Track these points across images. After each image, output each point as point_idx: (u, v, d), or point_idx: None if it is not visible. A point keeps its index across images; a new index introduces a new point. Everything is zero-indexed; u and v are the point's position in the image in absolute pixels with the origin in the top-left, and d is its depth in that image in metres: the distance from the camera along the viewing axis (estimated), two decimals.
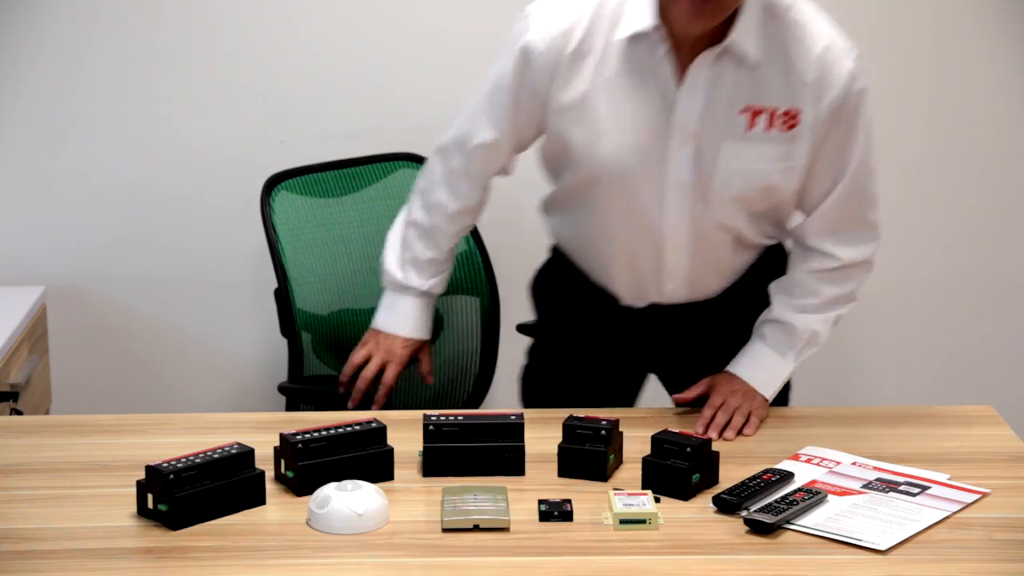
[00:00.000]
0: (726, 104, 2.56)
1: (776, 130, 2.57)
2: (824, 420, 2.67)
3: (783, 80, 2.55)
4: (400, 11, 3.56)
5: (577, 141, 2.61)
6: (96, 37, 3.52)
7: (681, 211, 2.62)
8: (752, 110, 2.57)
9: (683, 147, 2.57)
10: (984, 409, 2.70)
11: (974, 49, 3.63)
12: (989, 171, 3.70)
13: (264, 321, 3.65)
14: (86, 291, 3.65)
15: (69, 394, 3.66)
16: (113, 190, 3.60)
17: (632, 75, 2.57)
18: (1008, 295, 3.77)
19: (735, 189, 2.60)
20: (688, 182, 2.59)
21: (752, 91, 2.55)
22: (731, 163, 2.58)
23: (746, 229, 2.67)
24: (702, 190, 2.60)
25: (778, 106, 2.56)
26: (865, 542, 2.14)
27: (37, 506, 2.27)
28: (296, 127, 3.59)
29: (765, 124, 2.57)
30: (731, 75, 2.54)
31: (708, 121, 2.56)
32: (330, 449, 2.32)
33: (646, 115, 2.57)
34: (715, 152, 2.58)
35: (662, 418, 2.66)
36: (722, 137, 2.57)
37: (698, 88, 2.55)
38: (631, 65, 2.56)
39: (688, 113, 2.56)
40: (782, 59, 2.55)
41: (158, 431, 2.61)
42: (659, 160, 2.59)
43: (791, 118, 2.57)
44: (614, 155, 2.59)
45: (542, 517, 2.23)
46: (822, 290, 2.71)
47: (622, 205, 2.64)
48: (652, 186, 2.61)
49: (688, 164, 2.58)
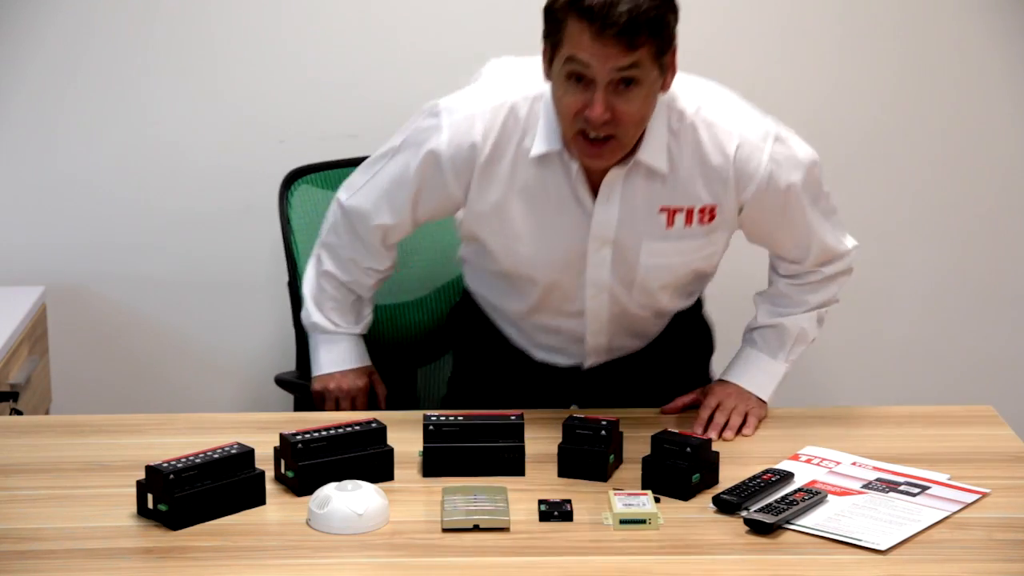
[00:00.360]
0: (643, 208, 2.56)
1: (696, 225, 2.59)
2: (824, 420, 2.67)
3: (698, 181, 2.55)
4: (400, 11, 3.56)
5: (493, 244, 2.64)
6: (95, 37, 3.52)
7: (600, 302, 2.66)
8: (669, 210, 2.57)
9: (601, 250, 2.60)
10: (984, 409, 2.70)
11: (975, 49, 3.63)
12: (990, 171, 3.70)
13: (264, 321, 3.65)
14: (86, 291, 3.64)
15: (69, 394, 3.66)
16: (113, 190, 3.59)
17: (546, 186, 2.56)
18: (1008, 295, 3.76)
19: (658, 280, 2.65)
20: (607, 280, 2.63)
21: (667, 194, 2.56)
22: (652, 260, 2.61)
23: (668, 303, 2.73)
24: (623, 284, 2.64)
25: (694, 204, 2.57)
26: (865, 542, 2.14)
27: (37, 506, 2.27)
28: (296, 127, 3.58)
29: (684, 221, 2.58)
30: (644, 183, 2.55)
31: (626, 225, 2.57)
32: (330, 449, 2.32)
33: (563, 223, 2.58)
34: (636, 251, 2.60)
35: (662, 418, 2.66)
36: (641, 237, 2.58)
37: (613, 198, 2.55)
38: (544, 177, 2.56)
39: (605, 221, 2.57)
40: (695, 162, 2.54)
41: (158, 431, 2.61)
42: (578, 262, 2.62)
43: (710, 213, 2.58)
44: (531, 259, 2.63)
45: (542, 517, 2.23)
46: (808, 299, 2.75)
47: (540, 296, 2.68)
48: (571, 283, 2.65)
49: (607, 265, 2.62)
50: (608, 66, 2.35)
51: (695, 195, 2.55)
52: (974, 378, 3.77)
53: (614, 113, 2.39)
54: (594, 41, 2.34)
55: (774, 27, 3.60)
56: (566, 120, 2.43)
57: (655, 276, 2.64)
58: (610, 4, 2.32)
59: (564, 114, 2.43)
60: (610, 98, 2.38)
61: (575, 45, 2.36)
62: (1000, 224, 3.73)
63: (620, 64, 2.35)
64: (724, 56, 3.60)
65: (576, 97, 2.39)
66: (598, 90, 2.37)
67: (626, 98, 2.39)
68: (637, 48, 2.35)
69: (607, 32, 2.33)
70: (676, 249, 2.60)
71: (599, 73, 2.36)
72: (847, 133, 3.66)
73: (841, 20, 3.61)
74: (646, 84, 2.39)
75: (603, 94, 2.37)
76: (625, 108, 2.39)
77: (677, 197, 2.55)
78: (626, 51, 2.34)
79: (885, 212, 3.71)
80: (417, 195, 2.63)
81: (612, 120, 2.39)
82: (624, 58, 2.35)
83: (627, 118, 2.40)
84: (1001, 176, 3.71)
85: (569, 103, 2.41)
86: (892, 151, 3.68)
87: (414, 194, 2.63)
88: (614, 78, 2.37)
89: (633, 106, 2.39)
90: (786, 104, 3.63)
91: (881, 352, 3.78)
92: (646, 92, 2.40)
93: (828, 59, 3.62)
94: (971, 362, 3.79)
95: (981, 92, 3.65)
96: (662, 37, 2.38)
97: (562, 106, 2.43)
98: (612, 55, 2.34)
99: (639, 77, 2.38)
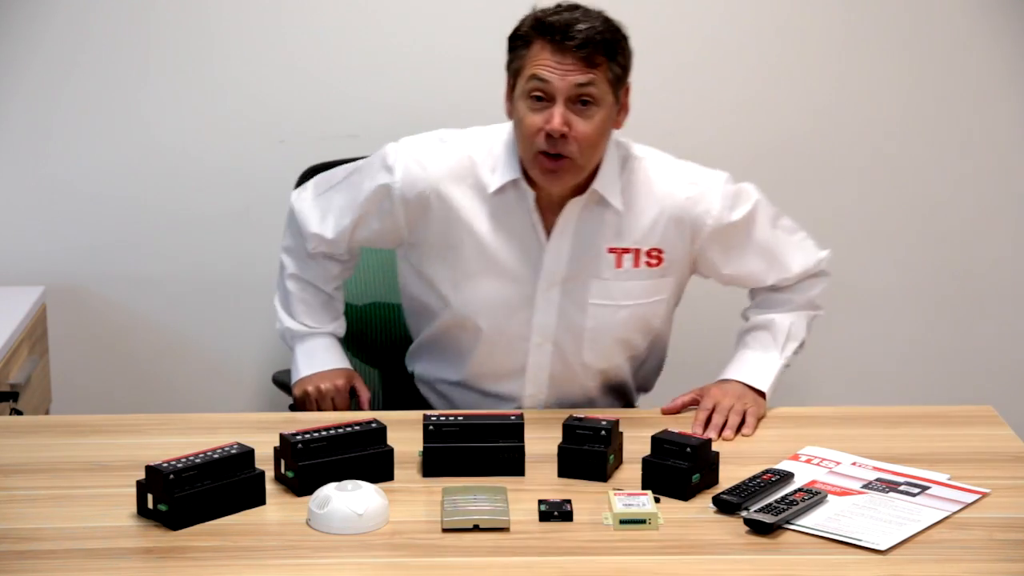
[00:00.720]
0: (593, 246, 2.68)
1: (643, 267, 2.70)
2: (824, 420, 2.68)
3: (649, 222, 2.68)
4: (400, 11, 3.56)
5: (443, 284, 2.73)
6: (94, 37, 3.52)
7: (544, 354, 2.73)
8: (618, 251, 2.69)
9: (550, 290, 2.69)
10: (984, 409, 2.70)
11: (974, 49, 3.63)
12: (989, 171, 3.70)
13: (264, 321, 3.64)
14: (86, 291, 3.64)
15: (69, 394, 3.66)
16: (113, 191, 3.59)
17: (501, 222, 2.68)
18: (1008, 295, 3.76)
19: (606, 330, 2.72)
20: (554, 326, 2.71)
21: (617, 235, 2.68)
22: (600, 301, 2.70)
23: (611, 365, 2.78)
24: (570, 332, 2.72)
25: (641, 247, 2.69)
26: (865, 542, 2.14)
27: (37, 506, 2.27)
28: (296, 127, 3.58)
29: (632, 263, 2.70)
30: (597, 220, 2.66)
31: (576, 262, 2.68)
32: (330, 449, 2.32)
33: (515, 261, 2.69)
34: (585, 292, 2.70)
35: (662, 418, 2.66)
36: (590, 276, 2.69)
37: (567, 234, 2.67)
38: (500, 213, 2.67)
39: (557, 257, 2.68)
40: (649, 203, 2.68)
41: (158, 431, 2.61)
42: (526, 305, 2.70)
43: (657, 256, 2.70)
44: (480, 300, 2.71)
45: (542, 517, 2.23)
46: (792, 297, 2.83)
47: (482, 351, 2.75)
48: (517, 331, 2.72)
49: (555, 308, 2.70)
50: (567, 80, 2.52)
51: (644, 237, 2.69)
52: (974, 378, 3.77)
53: (571, 130, 2.53)
54: (554, 55, 2.52)
55: (774, 28, 3.60)
56: (527, 140, 2.57)
57: (602, 323, 2.72)
58: (570, 23, 2.53)
59: (526, 134, 2.57)
60: (568, 114, 2.53)
61: (537, 64, 2.53)
62: (1000, 224, 3.73)
63: (579, 80, 2.52)
64: (724, 56, 3.60)
65: (537, 115, 2.54)
66: (558, 104, 2.53)
67: (583, 117, 2.54)
68: (594, 66, 2.53)
69: (567, 46, 2.51)
70: (623, 291, 2.71)
71: (559, 87, 2.52)
72: (847, 134, 3.66)
73: (841, 20, 3.61)
74: (603, 107, 2.56)
75: (562, 108, 2.53)
76: (582, 128, 2.54)
77: (625, 238, 2.69)
78: (584, 67, 2.52)
79: (885, 212, 3.71)
80: (360, 220, 2.76)
81: (569, 137, 2.54)
82: (582, 75, 2.52)
83: (583, 138, 2.55)
84: (1001, 176, 3.71)
85: (531, 122, 2.55)
86: (892, 151, 3.68)
87: (357, 219, 2.76)
88: (572, 95, 2.53)
89: (589, 126, 2.55)
90: (786, 105, 3.65)
91: (881, 352, 3.78)
92: (602, 116, 2.56)
93: (828, 59, 3.62)
94: (971, 362, 3.79)
95: (980, 92, 3.65)
96: (617, 63, 2.56)
97: (524, 127, 2.57)
98: (571, 70, 2.52)
99: (596, 97, 2.54)
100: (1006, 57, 3.63)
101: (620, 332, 2.74)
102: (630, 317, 2.73)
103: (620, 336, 2.75)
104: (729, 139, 3.65)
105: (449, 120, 2.94)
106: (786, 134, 3.65)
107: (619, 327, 2.73)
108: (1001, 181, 3.71)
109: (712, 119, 3.63)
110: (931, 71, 3.64)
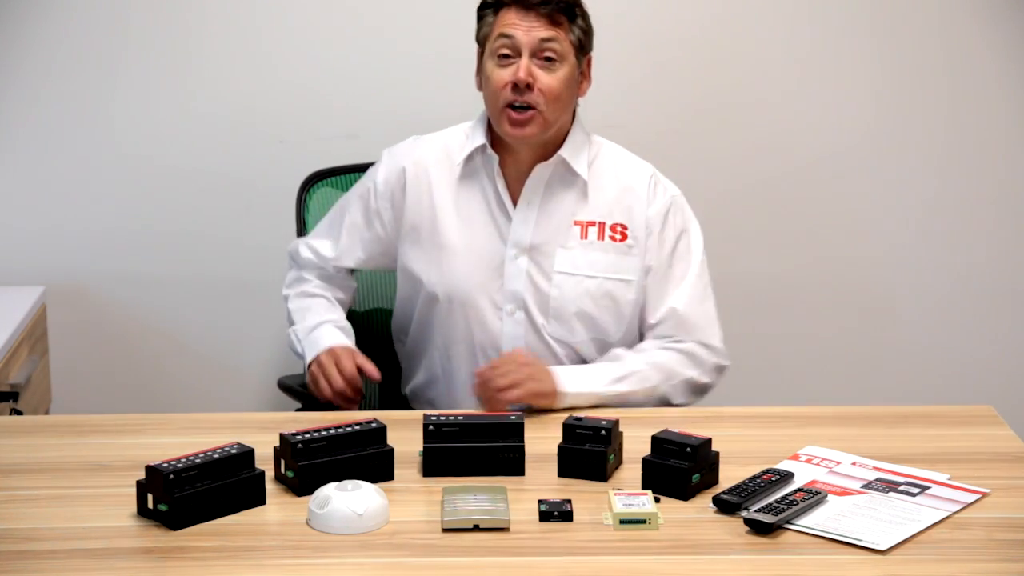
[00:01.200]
0: (559, 217, 2.77)
1: (608, 241, 2.78)
2: (824, 420, 2.67)
3: (613, 196, 2.79)
4: (399, 11, 3.56)
5: (423, 263, 2.82)
6: (95, 37, 3.52)
7: (517, 322, 2.78)
8: (583, 224, 2.78)
9: (518, 257, 2.78)
10: (984, 409, 2.70)
11: (975, 49, 3.63)
12: (989, 171, 3.70)
13: (264, 321, 3.65)
14: (86, 291, 3.65)
15: (69, 394, 3.66)
16: (113, 190, 3.60)
17: (472, 192, 2.80)
18: (1008, 295, 3.77)
19: (572, 301, 2.77)
20: (523, 292, 2.77)
21: (582, 205, 2.78)
22: (565, 269, 2.77)
23: (581, 341, 2.80)
24: (539, 303, 2.78)
25: (606, 220, 2.78)
26: (865, 542, 2.14)
27: (37, 506, 2.27)
28: (295, 127, 3.59)
29: (596, 235, 2.78)
30: (563, 190, 2.77)
31: (543, 230, 2.77)
32: (330, 449, 2.32)
33: (486, 230, 2.79)
34: (551, 259, 2.78)
35: (662, 418, 2.66)
36: (556, 245, 2.77)
37: (534, 203, 2.77)
38: (471, 184, 2.82)
39: (524, 225, 2.77)
40: (612, 178, 2.82)
41: (158, 431, 2.61)
42: (498, 272, 2.78)
43: (622, 232, 2.79)
44: (457, 270, 2.79)
45: (542, 517, 2.23)
46: (648, 346, 2.79)
47: (462, 327, 2.80)
48: (491, 299, 2.78)
49: (523, 275, 2.77)
50: (532, 35, 2.71)
51: (608, 211, 2.80)
52: (974, 378, 3.78)
53: (537, 82, 2.70)
54: (518, 15, 2.71)
55: (774, 28, 3.60)
56: (495, 95, 2.73)
57: (567, 292, 2.77)
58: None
59: (493, 90, 2.73)
60: (533, 68, 2.70)
61: (503, 24, 2.72)
62: (1000, 224, 3.73)
63: (543, 35, 2.71)
64: (723, 57, 3.60)
65: (504, 71, 2.72)
66: (523, 57, 2.71)
67: (547, 71, 2.71)
68: (557, 24, 2.71)
69: (530, 4, 2.71)
70: (588, 261, 2.78)
71: (524, 41, 2.71)
72: (847, 133, 3.66)
73: (841, 22, 3.61)
74: (566, 64, 2.73)
75: (527, 61, 2.70)
76: (547, 81, 2.71)
77: (591, 211, 2.79)
78: (547, 24, 2.71)
79: (885, 213, 3.71)
80: (352, 226, 2.88)
81: (535, 89, 2.70)
82: (545, 30, 2.71)
83: (548, 91, 2.71)
84: (1001, 176, 3.71)
85: (498, 77, 2.72)
86: (892, 152, 3.68)
87: (349, 225, 2.89)
88: (537, 49, 2.71)
89: (554, 80, 2.72)
90: (786, 106, 3.65)
91: (881, 352, 3.78)
92: (566, 73, 2.73)
93: (828, 59, 3.62)
94: (971, 362, 3.79)
95: (981, 92, 3.65)
96: (578, 26, 2.75)
97: (491, 83, 2.73)
98: (535, 26, 2.71)
99: (559, 53, 2.72)
100: (1006, 57, 3.63)
101: (584, 304, 2.78)
102: (596, 290, 2.78)
103: (583, 309, 2.79)
104: (729, 139, 3.65)
105: (449, 120, 2.95)
106: (786, 134, 3.66)
107: (583, 299, 2.78)
108: (1001, 181, 3.71)
109: (712, 119, 3.63)
110: (931, 71, 3.64)
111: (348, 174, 3.22)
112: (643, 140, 3.59)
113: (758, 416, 2.70)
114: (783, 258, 3.72)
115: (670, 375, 2.75)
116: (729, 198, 3.67)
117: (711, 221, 3.67)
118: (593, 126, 2.88)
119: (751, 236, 3.70)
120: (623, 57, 3.57)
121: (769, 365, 3.73)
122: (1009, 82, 3.64)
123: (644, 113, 3.61)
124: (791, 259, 3.72)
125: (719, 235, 3.69)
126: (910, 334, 3.78)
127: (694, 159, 3.63)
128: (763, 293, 3.73)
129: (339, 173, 3.24)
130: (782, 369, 3.74)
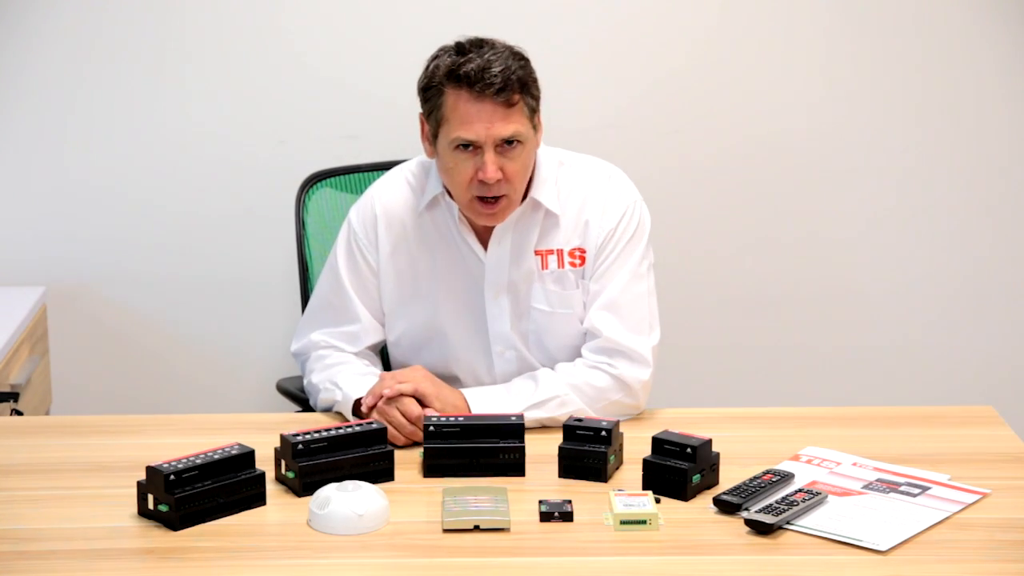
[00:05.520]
0: (526, 250, 2.71)
1: (567, 268, 2.72)
2: (824, 420, 2.68)
3: (571, 222, 2.72)
4: (399, 12, 3.56)
5: (410, 316, 2.75)
6: (96, 38, 3.52)
7: (508, 361, 2.74)
8: (544, 252, 2.72)
9: (499, 298, 2.72)
10: (984, 409, 2.70)
11: (973, 49, 3.63)
12: (989, 171, 3.70)
13: (265, 321, 3.65)
14: (86, 291, 3.65)
15: (69, 394, 3.66)
16: (113, 190, 3.60)
17: (441, 234, 2.73)
18: (1008, 295, 3.77)
19: (551, 336, 2.73)
20: (509, 333, 2.73)
21: (544, 235, 2.71)
22: (539, 305, 2.72)
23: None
24: (524, 339, 2.74)
25: (563, 247, 2.72)
26: (865, 542, 2.14)
27: (37, 506, 2.27)
28: (296, 127, 3.59)
29: (556, 264, 2.72)
30: (533, 226, 2.70)
31: (517, 270, 2.71)
32: (331, 450, 2.33)
33: (461, 272, 2.72)
34: (528, 297, 2.72)
35: (662, 419, 2.66)
36: (532, 280, 2.71)
37: (504, 242, 2.70)
38: (437, 226, 2.73)
39: (498, 266, 2.71)
40: (575, 201, 2.72)
41: (158, 431, 2.61)
42: (481, 317, 2.73)
43: (580, 256, 2.72)
44: (442, 313, 2.73)
45: (542, 518, 2.23)
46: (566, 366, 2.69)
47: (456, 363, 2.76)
48: (482, 342, 2.74)
49: (507, 316, 2.73)
50: (492, 133, 2.56)
51: (568, 237, 2.71)
52: (974, 378, 3.78)
53: (504, 172, 2.59)
54: (473, 104, 2.56)
55: (773, 28, 3.60)
56: (461, 189, 2.62)
57: (546, 327, 2.72)
58: (484, 68, 2.56)
59: (459, 183, 2.61)
60: (498, 159, 2.58)
61: (459, 119, 2.57)
62: (1000, 224, 3.73)
63: (503, 134, 2.56)
64: (722, 57, 3.60)
65: (467, 165, 2.59)
66: (487, 152, 2.58)
67: (511, 157, 2.59)
68: (513, 105, 2.57)
69: (486, 93, 2.55)
70: (560, 298, 2.71)
71: (486, 140, 2.57)
72: (846, 133, 3.66)
73: (841, 21, 3.61)
74: (527, 141, 2.61)
75: (492, 155, 2.58)
76: (512, 167, 2.60)
77: (549, 240, 2.71)
78: (504, 109, 2.56)
79: (885, 213, 3.71)
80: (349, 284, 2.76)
81: (503, 180, 2.59)
82: (503, 123, 2.56)
83: (515, 176, 2.61)
84: (1001, 176, 3.71)
85: (462, 171, 2.60)
86: (892, 152, 3.68)
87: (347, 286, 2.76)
88: (499, 141, 2.57)
89: (519, 163, 2.61)
90: (785, 105, 3.65)
91: (882, 352, 3.78)
92: (528, 148, 2.62)
93: (828, 59, 3.62)
94: (971, 362, 3.79)
95: (981, 92, 3.65)
96: (531, 95, 2.62)
97: (455, 176, 2.62)
98: (494, 119, 2.56)
99: (521, 136, 2.59)
100: (1007, 57, 3.63)
101: (564, 340, 2.72)
102: (568, 324, 2.71)
103: (564, 344, 2.73)
104: (729, 139, 3.65)
105: None
106: (786, 134, 3.65)
107: (560, 334, 2.72)
108: (1001, 181, 3.71)
109: (712, 119, 3.63)
110: (931, 71, 3.64)
111: (348, 174, 3.22)
112: (643, 140, 3.61)
113: (758, 417, 2.71)
114: (783, 258, 3.71)
115: (595, 399, 2.64)
116: (729, 199, 3.67)
117: (711, 222, 3.68)
118: (593, 126, 2.88)
119: (751, 236, 3.70)
120: (623, 57, 3.57)
121: (770, 366, 3.73)
122: (1009, 83, 3.64)
123: (644, 113, 3.61)
124: (791, 259, 3.71)
125: (719, 236, 3.70)
126: (910, 335, 3.78)
127: (694, 159, 3.63)
128: (764, 293, 3.72)
129: (339, 173, 3.23)
130: (782, 369, 3.74)
